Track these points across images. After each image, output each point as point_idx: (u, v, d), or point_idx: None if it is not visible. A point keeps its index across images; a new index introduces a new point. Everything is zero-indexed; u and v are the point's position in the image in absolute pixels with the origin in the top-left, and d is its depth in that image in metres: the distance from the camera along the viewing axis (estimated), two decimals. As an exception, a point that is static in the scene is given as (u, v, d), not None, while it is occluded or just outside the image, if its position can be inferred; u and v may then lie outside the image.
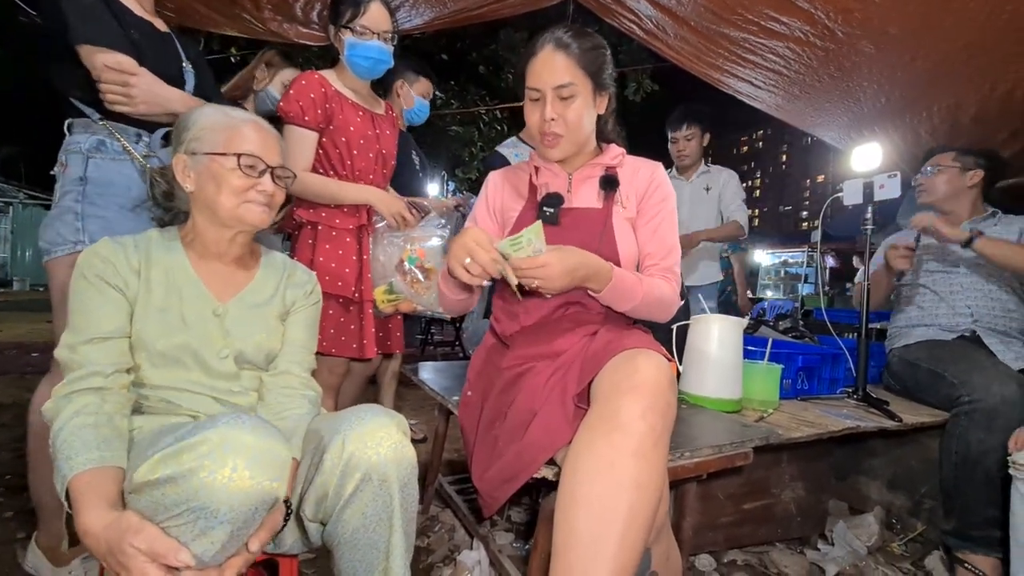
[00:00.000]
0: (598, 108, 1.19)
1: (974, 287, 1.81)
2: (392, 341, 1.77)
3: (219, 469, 0.68)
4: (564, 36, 1.12)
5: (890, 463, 1.88)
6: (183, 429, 0.74)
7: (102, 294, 0.90)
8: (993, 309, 1.77)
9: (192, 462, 0.68)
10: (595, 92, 1.16)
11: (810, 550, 1.65)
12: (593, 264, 1.06)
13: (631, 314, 1.17)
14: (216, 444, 0.69)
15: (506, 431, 1.06)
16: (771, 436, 1.22)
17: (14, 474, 1.88)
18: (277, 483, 0.73)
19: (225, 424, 0.71)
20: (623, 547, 0.82)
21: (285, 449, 0.76)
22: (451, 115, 7.25)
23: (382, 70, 1.60)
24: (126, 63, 1.19)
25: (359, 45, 1.51)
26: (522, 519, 1.71)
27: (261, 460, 0.71)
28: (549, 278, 1.00)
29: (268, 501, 0.73)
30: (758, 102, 2.58)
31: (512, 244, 1.00)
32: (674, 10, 2.11)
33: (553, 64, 1.11)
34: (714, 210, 2.71)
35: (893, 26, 1.76)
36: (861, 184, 1.66)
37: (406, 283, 1.58)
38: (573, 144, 1.18)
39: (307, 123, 1.50)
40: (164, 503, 0.69)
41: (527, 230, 1.00)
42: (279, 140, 1.03)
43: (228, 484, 0.68)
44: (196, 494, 0.67)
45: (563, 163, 1.25)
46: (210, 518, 0.68)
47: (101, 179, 1.24)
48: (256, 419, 0.76)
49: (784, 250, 14.55)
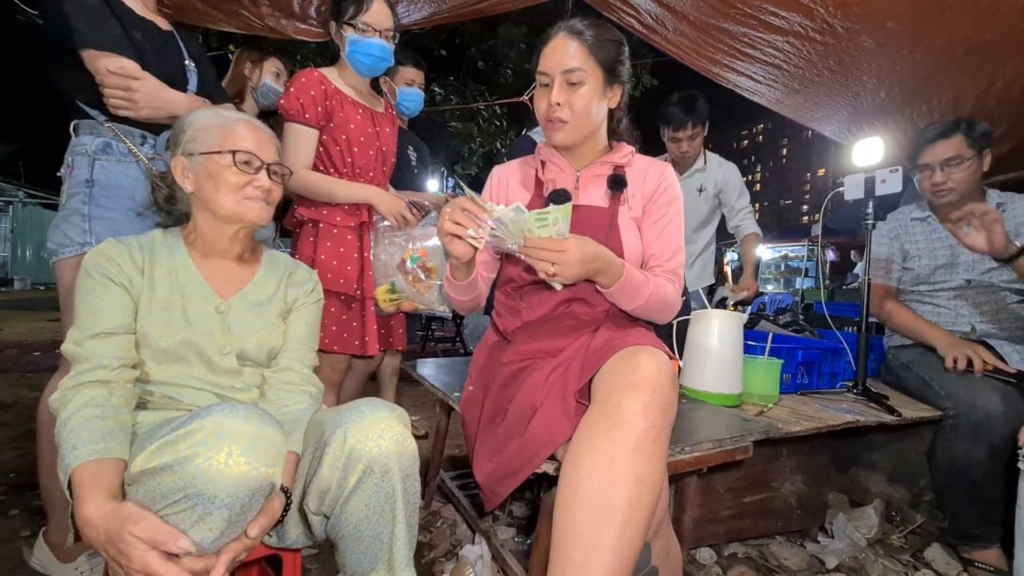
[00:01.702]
0: (610, 101, 1.19)
1: (977, 297, 1.75)
2: (394, 338, 1.77)
3: (215, 455, 0.69)
4: (578, 24, 1.13)
5: (890, 456, 1.89)
6: (179, 419, 0.75)
7: (107, 292, 0.91)
8: (998, 315, 1.72)
9: (188, 449, 0.69)
10: (606, 83, 1.15)
11: (810, 542, 1.66)
12: (607, 257, 1.05)
13: (634, 313, 1.17)
14: (211, 431, 0.70)
15: (507, 427, 1.07)
16: (771, 430, 1.22)
17: (18, 472, 1.89)
18: (273, 468, 0.74)
19: (220, 412, 0.73)
20: (623, 541, 0.82)
21: (280, 435, 0.77)
22: (450, 111, 7.23)
23: (383, 68, 1.60)
24: (129, 67, 1.20)
25: (361, 42, 1.51)
26: (524, 514, 1.72)
27: (256, 446, 0.72)
28: (567, 264, 0.97)
29: (265, 486, 0.74)
30: (758, 96, 2.57)
31: (538, 219, 0.94)
32: (673, 5, 2.10)
33: (564, 49, 1.12)
34: (706, 210, 2.53)
35: (892, 20, 1.76)
36: (862, 179, 1.65)
37: (408, 282, 1.58)
38: (578, 132, 1.17)
39: (307, 120, 1.50)
40: (161, 491, 0.70)
41: (556, 208, 0.94)
42: (273, 137, 1.05)
43: (224, 470, 0.69)
44: (193, 480, 0.68)
45: (571, 159, 1.24)
46: (208, 504, 0.69)
47: (107, 181, 1.25)
48: (251, 407, 0.77)
49: (784, 244, 14.53)
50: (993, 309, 1.73)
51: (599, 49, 1.12)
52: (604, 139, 1.25)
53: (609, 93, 1.17)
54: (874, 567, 1.53)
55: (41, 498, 1.31)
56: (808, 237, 12.22)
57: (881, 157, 1.69)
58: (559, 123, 1.14)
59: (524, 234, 0.96)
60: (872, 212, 1.69)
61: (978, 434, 1.47)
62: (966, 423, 1.49)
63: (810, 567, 1.54)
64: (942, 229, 1.80)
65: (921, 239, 1.86)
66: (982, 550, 1.51)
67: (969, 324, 1.76)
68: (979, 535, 1.52)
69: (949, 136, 1.68)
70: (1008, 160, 2.17)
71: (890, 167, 1.59)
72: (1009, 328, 1.71)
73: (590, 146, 1.23)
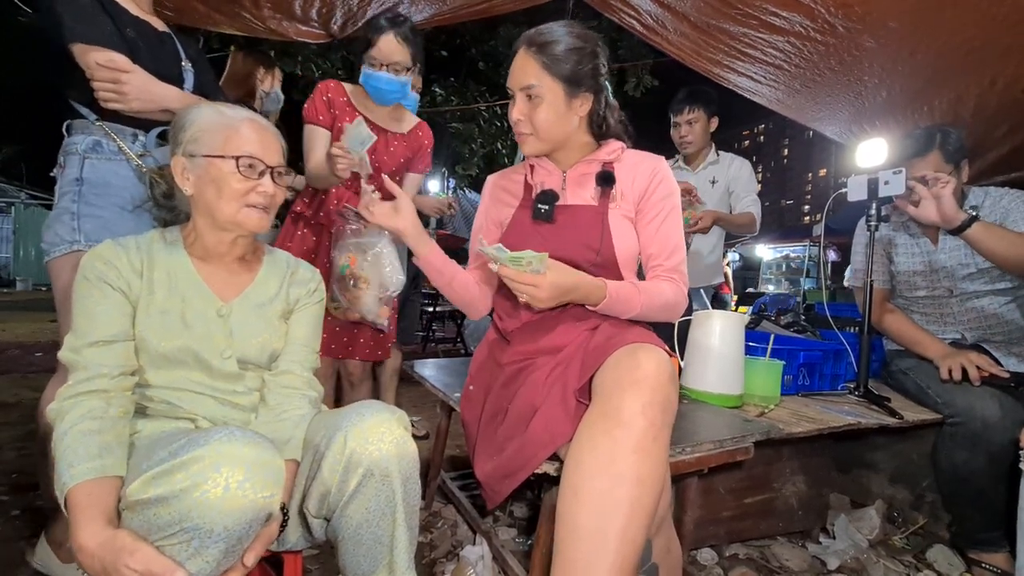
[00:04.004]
0: (578, 110, 1.16)
1: (961, 305, 1.73)
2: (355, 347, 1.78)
3: (212, 488, 0.67)
4: (538, 36, 1.12)
5: (891, 457, 1.88)
6: (176, 443, 0.73)
7: (105, 297, 0.89)
8: (986, 321, 1.70)
9: (184, 481, 0.67)
10: (568, 95, 1.13)
11: (812, 543, 1.65)
12: (586, 286, 1.07)
13: (634, 319, 1.17)
14: (208, 463, 0.68)
15: (508, 426, 1.07)
16: (772, 431, 1.22)
17: (20, 472, 1.89)
18: (273, 498, 0.73)
19: (218, 439, 0.71)
20: (624, 541, 0.82)
21: (279, 460, 0.77)
22: (451, 112, 7.23)
23: (392, 98, 1.72)
24: (118, 60, 1.19)
25: (370, 75, 1.66)
26: (524, 514, 1.72)
27: (256, 474, 0.71)
28: (536, 298, 1.03)
29: (262, 516, 0.73)
30: (759, 97, 2.56)
31: (513, 260, 1.01)
32: (674, 5, 2.10)
33: (522, 65, 1.13)
34: (722, 204, 2.45)
35: (893, 20, 1.75)
36: (866, 180, 1.65)
37: (338, 290, 1.57)
38: (543, 143, 1.18)
39: (320, 122, 1.69)
40: (157, 523, 0.68)
41: (534, 255, 1.00)
42: (278, 137, 1.01)
43: (221, 503, 0.67)
44: (189, 514, 0.67)
45: (557, 160, 1.24)
46: (204, 538, 0.68)
47: (97, 180, 1.25)
48: (249, 433, 0.75)
49: (785, 244, 14.50)
50: (980, 316, 1.72)
51: (558, 63, 1.10)
52: (586, 140, 1.23)
53: (575, 103, 1.15)
54: (876, 568, 1.53)
55: (42, 498, 1.31)
56: (810, 237, 12.20)
57: (885, 158, 1.68)
58: (523, 136, 1.17)
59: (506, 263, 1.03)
60: (875, 213, 1.68)
61: (977, 443, 1.46)
62: (965, 432, 1.48)
63: (811, 568, 1.54)
64: (920, 235, 1.80)
65: (900, 246, 1.85)
66: (991, 553, 1.51)
67: (958, 332, 1.75)
68: (987, 539, 1.51)
69: (925, 153, 1.64)
70: (1010, 161, 2.16)
71: (893, 168, 1.59)
72: (1000, 333, 1.70)
73: (571, 148, 1.22)
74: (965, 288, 1.71)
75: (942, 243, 1.74)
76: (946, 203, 1.46)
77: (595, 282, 1.08)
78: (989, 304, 1.70)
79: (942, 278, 1.75)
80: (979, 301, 1.71)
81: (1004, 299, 1.69)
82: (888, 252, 1.88)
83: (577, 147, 1.22)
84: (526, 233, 1.21)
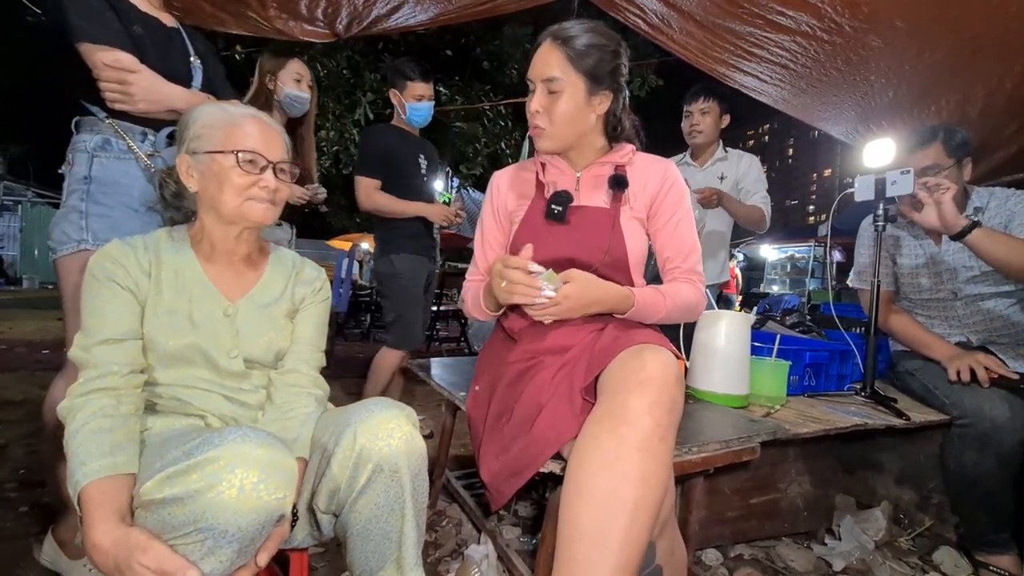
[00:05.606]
0: (596, 108, 1.17)
1: (967, 308, 1.72)
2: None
3: (226, 490, 0.68)
4: (562, 31, 1.12)
5: (898, 458, 1.87)
6: (191, 443, 0.74)
7: (114, 296, 0.89)
8: (993, 323, 1.69)
9: (199, 482, 0.68)
10: (589, 92, 1.13)
11: (817, 544, 1.65)
12: (611, 300, 1.09)
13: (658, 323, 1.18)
14: (223, 464, 0.69)
15: (513, 425, 1.07)
16: (778, 432, 1.22)
17: (28, 469, 1.90)
18: (286, 499, 0.74)
19: (233, 440, 0.71)
20: (628, 540, 0.82)
21: (292, 461, 0.77)
22: (455, 111, 7.23)
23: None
24: (125, 60, 1.19)
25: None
26: (529, 514, 1.72)
27: (270, 476, 0.71)
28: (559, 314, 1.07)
29: (275, 516, 0.73)
30: (764, 96, 2.56)
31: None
32: (679, 4, 2.10)
33: (546, 57, 1.12)
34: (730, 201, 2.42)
35: (900, 19, 1.75)
36: (873, 180, 1.63)
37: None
38: (558, 140, 1.17)
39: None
40: (172, 522, 0.69)
41: (547, 275, 1.02)
42: (282, 133, 1.01)
43: (236, 504, 0.68)
44: (203, 515, 0.67)
45: (570, 161, 1.24)
46: (218, 538, 0.68)
47: (106, 178, 1.24)
48: (262, 434, 0.76)
49: (790, 244, 14.43)
50: (986, 318, 1.70)
51: (582, 58, 1.10)
52: (600, 141, 1.23)
53: (594, 101, 1.15)
54: (882, 570, 1.52)
55: (50, 495, 1.32)
56: (815, 237, 12.13)
57: (892, 159, 1.67)
58: (538, 130, 1.16)
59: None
60: (882, 214, 1.67)
61: (986, 444, 1.45)
62: (973, 433, 1.47)
63: (817, 569, 1.54)
64: (924, 236, 1.79)
65: (905, 247, 1.85)
66: (998, 555, 1.50)
67: (963, 335, 1.74)
68: (995, 541, 1.50)
69: (927, 145, 1.64)
70: (1017, 160, 2.15)
71: (901, 168, 1.57)
72: (1006, 335, 1.69)
73: (586, 149, 1.22)
74: (969, 291, 1.70)
75: (945, 244, 1.74)
76: (946, 209, 1.46)
77: (622, 293, 1.10)
78: (994, 306, 1.69)
79: (946, 280, 1.74)
80: (984, 303, 1.70)
81: (1009, 301, 1.68)
82: (892, 252, 1.87)
83: (590, 148, 1.23)
84: (537, 231, 1.21)
